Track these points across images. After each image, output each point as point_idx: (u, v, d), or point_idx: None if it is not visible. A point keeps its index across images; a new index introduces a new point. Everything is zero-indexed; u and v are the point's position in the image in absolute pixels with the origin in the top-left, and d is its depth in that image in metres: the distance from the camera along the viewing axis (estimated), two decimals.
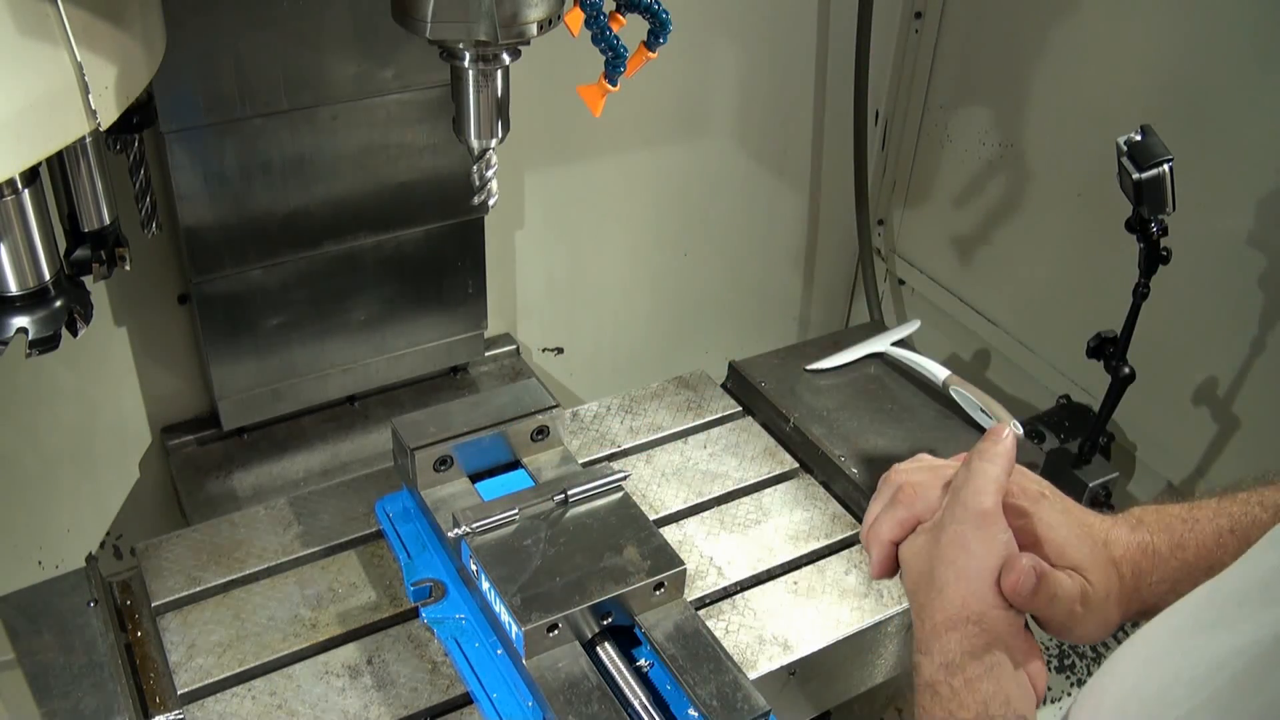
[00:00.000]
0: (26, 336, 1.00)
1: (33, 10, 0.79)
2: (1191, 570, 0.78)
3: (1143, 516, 0.81)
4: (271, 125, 1.35)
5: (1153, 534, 0.80)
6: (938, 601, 0.75)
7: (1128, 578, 0.79)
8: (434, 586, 1.18)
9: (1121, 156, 1.21)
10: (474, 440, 1.24)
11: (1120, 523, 0.81)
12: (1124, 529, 0.80)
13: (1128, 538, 0.80)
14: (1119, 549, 0.79)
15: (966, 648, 0.73)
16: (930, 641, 0.74)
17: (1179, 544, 0.79)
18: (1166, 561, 0.79)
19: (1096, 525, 0.81)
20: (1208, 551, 0.78)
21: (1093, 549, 0.78)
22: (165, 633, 1.16)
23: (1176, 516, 0.80)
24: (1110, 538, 0.80)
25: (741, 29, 1.82)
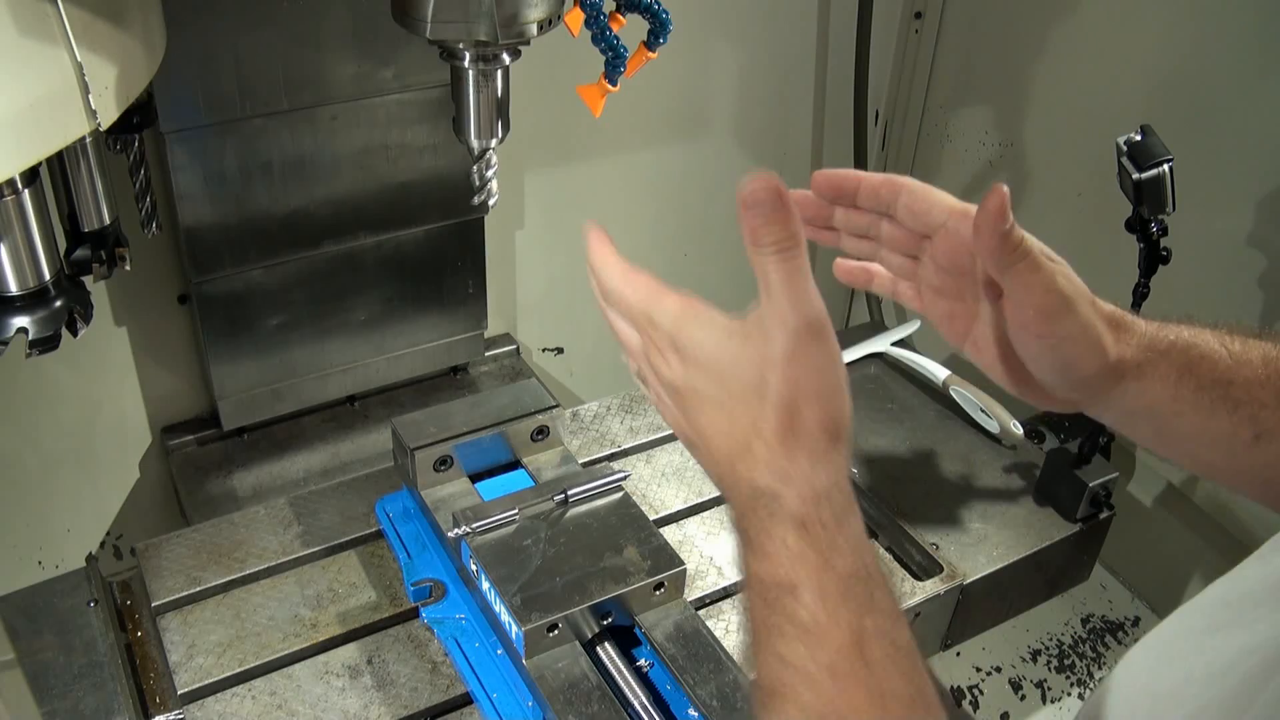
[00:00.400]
0: (26, 336, 1.00)
1: (33, 10, 0.79)
2: (1169, 348, 0.75)
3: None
4: (271, 125, 1.35)
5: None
6: (794, 417, 0.64)
7: (1107, 316, 0.75)
8: (434, 586, 1.18)
9: (1121, 156, 1.20)
10: (474, 440, 1.24)
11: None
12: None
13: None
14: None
15: (835, 478, 0.64)
16: (789, 466, 0.63)
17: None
18: (1143, 330, 0.76)
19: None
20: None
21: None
22: (165, 633, 1.16)
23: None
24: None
25: (741, 29, 1.82)
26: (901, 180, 0.79)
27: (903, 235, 0.81)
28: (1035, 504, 1.38)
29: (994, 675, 1.92)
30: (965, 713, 1.89)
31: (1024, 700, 1.89)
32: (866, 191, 0.81)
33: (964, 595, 1.27)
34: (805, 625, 0.62)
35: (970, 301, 0.78)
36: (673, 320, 0.70)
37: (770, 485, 0.64)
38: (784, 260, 0.65)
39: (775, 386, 0.64)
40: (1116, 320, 0.74)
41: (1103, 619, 1.92)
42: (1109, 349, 0.73)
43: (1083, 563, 1.44)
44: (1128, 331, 0.74)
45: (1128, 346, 0.74)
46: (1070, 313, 0.71)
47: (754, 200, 0.66)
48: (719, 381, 0.67)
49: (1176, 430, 0.76)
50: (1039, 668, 1.92)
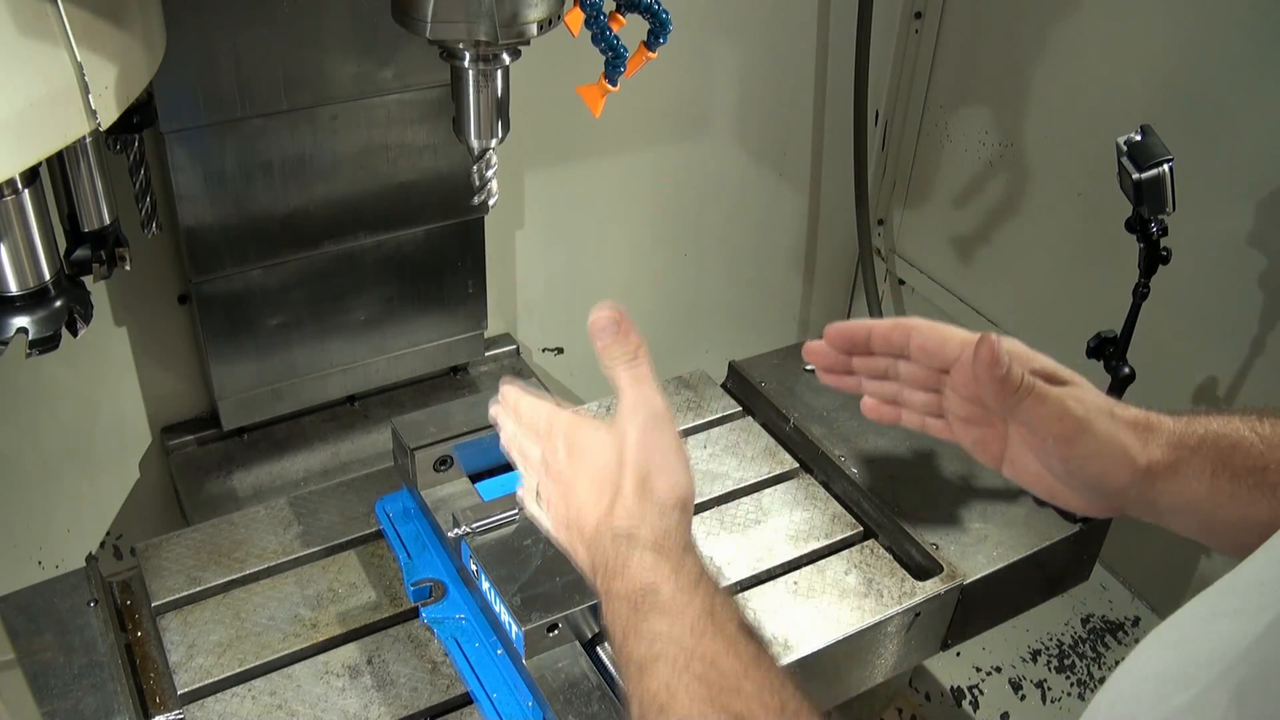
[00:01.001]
0: (26, 336, 1.00)
1: (33, 10, 0.79)
2: (1199, 443, 0.77)
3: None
4: (271, 125, 1.35)
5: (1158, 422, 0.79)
6: (644, 482, 0.80)
7: (1130, 423, 0.78)
8: (434, 586, 1.18)
9: (1121, 156, 1.20)
10: (474, 440, 1.24)
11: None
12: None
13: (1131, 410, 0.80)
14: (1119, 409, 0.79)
15: (681, 528, 0.80)
16: (642, 513, 0.79)
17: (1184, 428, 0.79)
18: (1170, 428, 0.78)
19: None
20: (1214, 437, 0.77)
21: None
22: (165, 633, 1.16)
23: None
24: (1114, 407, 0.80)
25: (741, 29, 1.82)
26: (910, 322, 0.87)
27: (921, 373, 0.88)
28: (1035, 504, 1.38)
29: (994, 675, 1.92)
30: (965, 713, 1.89)
31: (1024, 700, 1.89)
32: (878, 339, 0.90)
33: (964, 595, 1.27)
34: (665, 607, 0.74)
35: (999, 425, 0.84)
36: (567, 426, 0.89)
37: (628, 526, 0.79)
38: (628, 369, 0.85)
39: (629, 461, 0.81)
40: (1142, 424, 0.78)
41: (1103, 619, 1.92)
42: (1136, 457, 0.77)
43: (1083, 563, 1.44)
44: (1155, 433, 0.78)
45: (1157, 449, 0.77)
46: (1087, 433, 0.76)
47: (600, 328, 0.87)
48: (591, 464, 0.85)
49: (1218, 521, 0.77)
50: (1039, 668, 1.92)
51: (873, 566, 1.29)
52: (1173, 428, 0.78)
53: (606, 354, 0.86)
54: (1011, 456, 0.85)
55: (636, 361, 0.85)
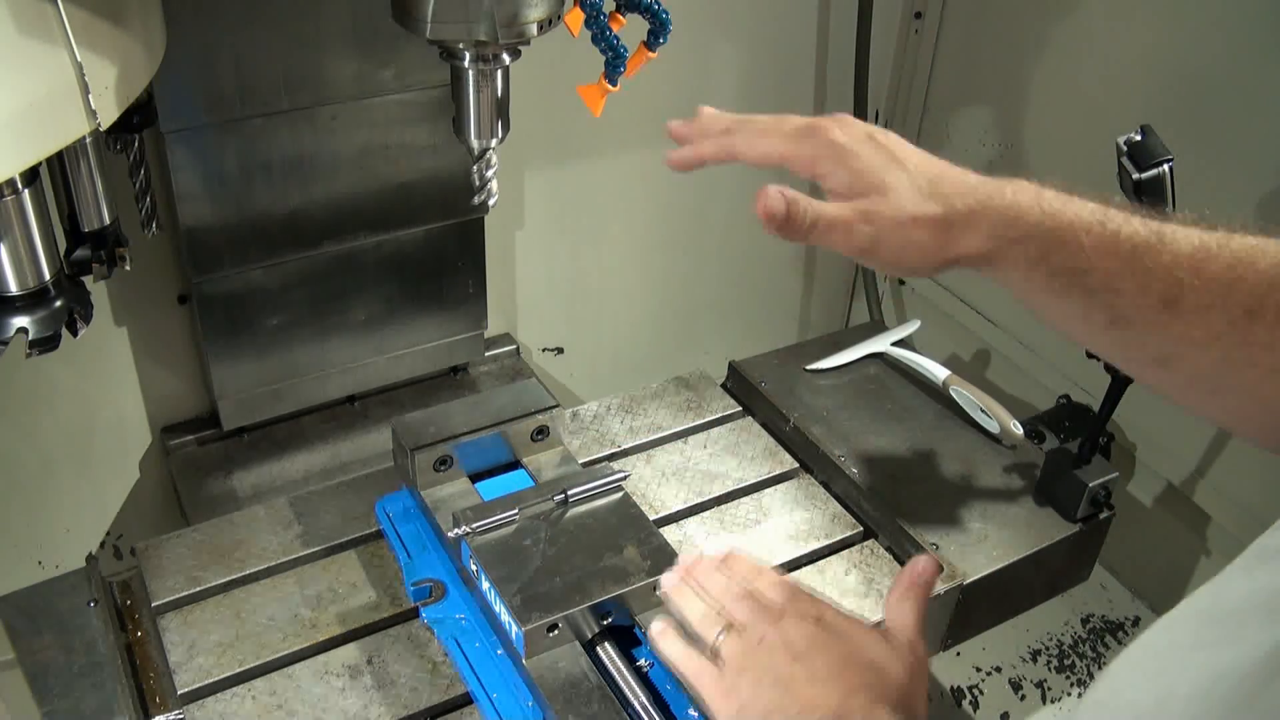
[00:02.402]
0: (26, 336, 1.00)
1: (33, 10, 0.79)
2: (1021, 237, 0.78)
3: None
4: (271, 125, 1.35)
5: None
6: (872, 688, 0.78)
7: (937, 221, 0.80)
8: (434, 586, 1.18)
9: (1121, 156, 1.20)
10: (474, 440, 1.24)
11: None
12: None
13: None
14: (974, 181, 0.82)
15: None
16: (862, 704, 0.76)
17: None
18: (996, 218, 0.80)
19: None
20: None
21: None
22: (165, 633, 1.16)
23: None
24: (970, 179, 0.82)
25: (741, 29, 1.83)
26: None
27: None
28: (1035, 504, 1.38)
29: (994, 675, 1.92)
30: (965, 713, 1.89)
31: (1024, 700, 1.89)
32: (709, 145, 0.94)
33: (964, 595, 1.27)
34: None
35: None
36: (812, 599, 0.85)
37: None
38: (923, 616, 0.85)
39: (891, 682, 0.78)
40: (960, 219, 0.80)
41: (1103, 619, 1.92)
42: (936, 254, 0.80)
43: (1083, 563, 1.44)
44: (973, 226, 0.79)
45: (972, 240, 0.79)
46: (879, 245, 0.80)
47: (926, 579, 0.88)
48: (852, 644, 0.81)
49: (1043, 307, 0.81)
50: (1039, 668, 1.92)
51: (873, 566, 1.29)
52: (998, 218, 0.79)
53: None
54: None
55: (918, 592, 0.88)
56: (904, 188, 0.81)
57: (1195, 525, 1.70)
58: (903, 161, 0.83)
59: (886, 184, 0.81)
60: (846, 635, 0.82)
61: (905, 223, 0.80)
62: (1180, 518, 1.72)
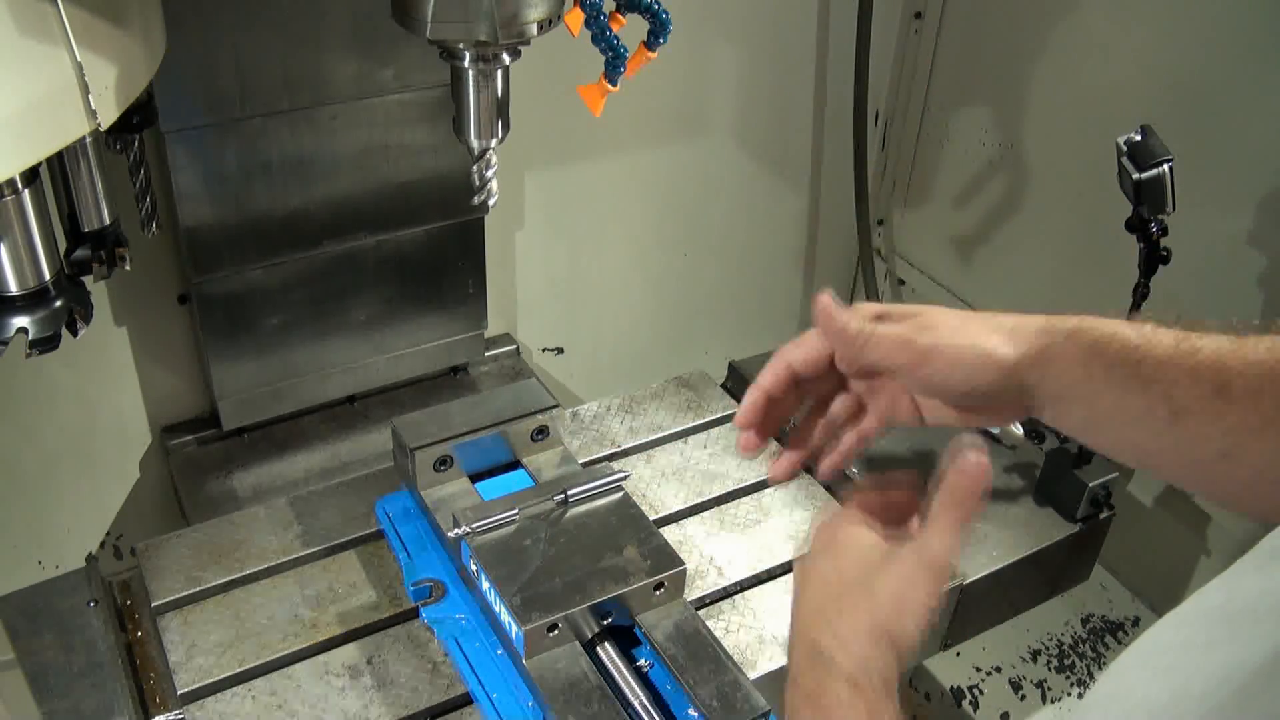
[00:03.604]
0: (26, 336, 1.00)
1: (33, 10, 0.79)
2: (1071, 332, 0.77)
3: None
4: (271, 125, 1.35)
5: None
6: (889, 617, 0.76)
7: (990, 327, 0.80)
8: (434, 586, 1.18)
9: (1121, 156, 1.21)
10: (474, 440, 1.24)
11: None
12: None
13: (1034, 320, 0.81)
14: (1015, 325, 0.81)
15: (888, 670, 0.74)
16: (857, 646, 0.75)
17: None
18: (1039, 322, 0.79)
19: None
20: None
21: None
22: (165, 633, 1.16)
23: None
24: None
25: (741, 29, 1.82)
26: (776, 366, 0.95)
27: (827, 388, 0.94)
28: (1035, 504, 1.38)
29: (994, 675, 1.92)
30: (965, 713, 1.89)
31: (1024, 700, 1.89)
32: (775, 398, 0.96)
33: (964, 595, 1.27)
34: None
35: (897, 386, 0.88)
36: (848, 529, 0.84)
37: (830, 648, 0.75)
38: (948, 511, 0.80)
39: (882, 593, 0.76)
40: (1007, 327, 0.80)
41: (1103, 619, 1.92)
42: (997, 353, 0.79)
43: (1083, 563, 1.44)
44: (1021, 331, 0.80)
45: (1024, 342, 0.79)
46: (934, 351, 0.80)
47: (973, 474, 0.82)
48: (843, 570, 0.80)
49: (1098, 413, 0.78)
50: (1039, 668, 1.92)
51: None
52: (1042, 322, 0.79)
53: (957, 502, 0.81)
54: (920, 403, 0.88)
55: (955, 512, 0.81)
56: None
57: (1195, 525, 1.70)
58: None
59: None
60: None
61: (957, 327, 0.81)
62: (1180, 518, 1.72)
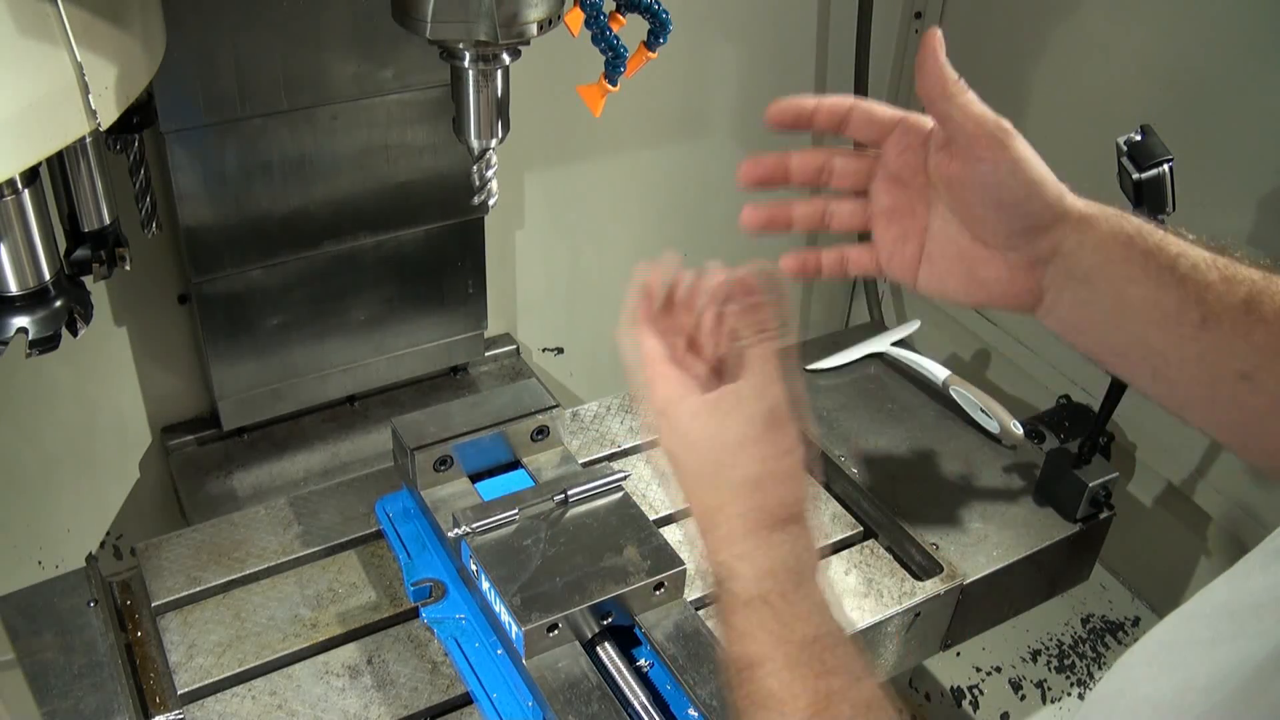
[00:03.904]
0: (26, 336, 1.00)
1: (33, 10, 0.79)
2: (1117, 214, 0.76)
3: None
4: (271, 125, 1.35)
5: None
6: (750, 500, 0.71)
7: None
8: (434, 586, 1.18)
9: (1121, 156, 1.20)
10: (474, 440, 1.24)
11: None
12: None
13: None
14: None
15: (794, 549, 0.71)
16: (746, 544, 0.71)
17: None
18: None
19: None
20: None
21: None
22: (165, 633, 1.16)
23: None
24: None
25: (741, 29, 1.82)
26: (850, 98, 0.87)
27: (853, 165, 0.88)
28: (1035, 504, 1.38)
29: (994, 675, 1.92)
30: (965, 713, 1.89)
31: (1024, 700, 1.89)
32: (824, 112, 0.89)
33: (964, 595, 1.27)
34: (769, 698, 0.66)
35: (921, 214, 0.82)
36: (661, 395, 0.78)
37: (729, 562, 0.71)
38: (758, 342, 0.75)
39: (734, 473, 0.72)
40: (1066, 189, 0.78)
41: (1103, 619, 1.92)
42: (1057, 189, 0.76)
43: (1083, 563, 1.44)
44: (1076, 196, 0.78)
45: (1076, 199, 0.77)
46: (1015, 139, 0.77)
47: (745, 288, 0.78)
48: (691, 455, 0.75)
49: (1126, 302, 0.74)
50: (1039, 668, 1.92)
51: (873, 566, 1.29)
52: (1091, 200, 0.78)
53: (739, 326, 0.76)
54: (930, 251, 0.82)
55: (763, 336, 0.75)
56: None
57: (1195, 525, 1.70)
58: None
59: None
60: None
61: (1034, 154, 0.78)
62: (1180, 518, 1.72)
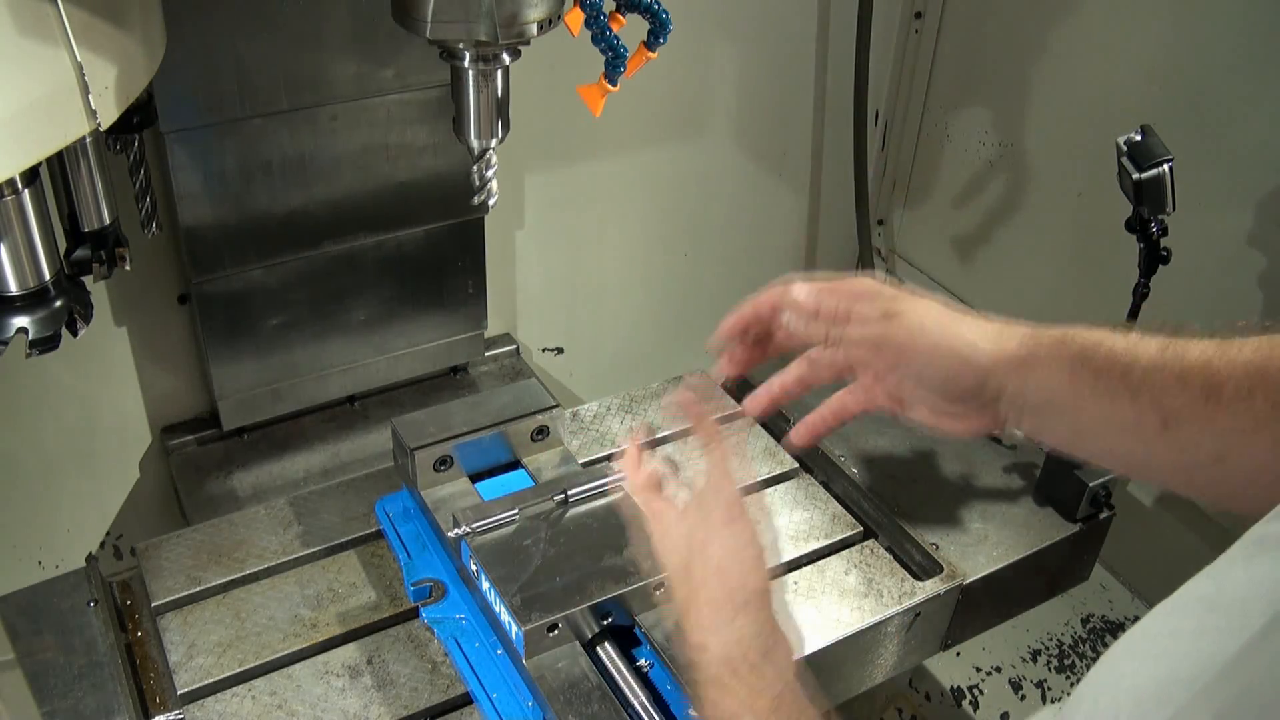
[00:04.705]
0: (26, 336, 1.00)
1: (33, 10, 0.79)
2: (1057, 340, 0.77)
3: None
4: (271, 125, 1.35)
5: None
6: (716, 583, 0.82)
7: (976, 329, 0.81)
8: (434, 586, 1.18)
9: (1121, 156, 1.20)
10: (474, 440, 1.24)
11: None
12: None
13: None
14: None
15: (755, 629, 0.79)
16: (713, 623, 0.80)
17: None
18: (1026, 330, 0.80)
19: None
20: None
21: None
22: (165, 633, 1.16)
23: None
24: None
25: (741, 29, 1.82)
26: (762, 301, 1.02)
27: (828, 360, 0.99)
28: (1035, 504, 1.38)
29: (994, 675, 1.92)
30: (965, 713, 1.89)
31: (1024, 700, 1.89)
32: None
33: (964, 595, 1.27)
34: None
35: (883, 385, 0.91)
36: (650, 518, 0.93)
37: (700, 641, 0.81)
38: (708, 452, 0.90)
39: (702, 567, 0.83)
40: (992, 331, 0.81)
41: (1103, 619, 1.92)
42: (978, 351, 0.80)
43: (1083, 563, 1.44)
44: (1007, 334, 0.80)
45: (1009, 344, 0.79)
46: (910, 350, 0.83)
47: (684, 406, 0.92)
48: (672, 558, 0.88)
49: (1084, 423, 0.77)
50: (1039, 668, 1.92)
51: (873, 566, 1.29)
52: (1027, 329, 0.80)
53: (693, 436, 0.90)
54: (904, 404, 0.90)
55: (713, 446, 0.90)
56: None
57: (1195, 525, 1.70)
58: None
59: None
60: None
61: (942, 326, 0.82)
62: (1180, 518, 1.72)
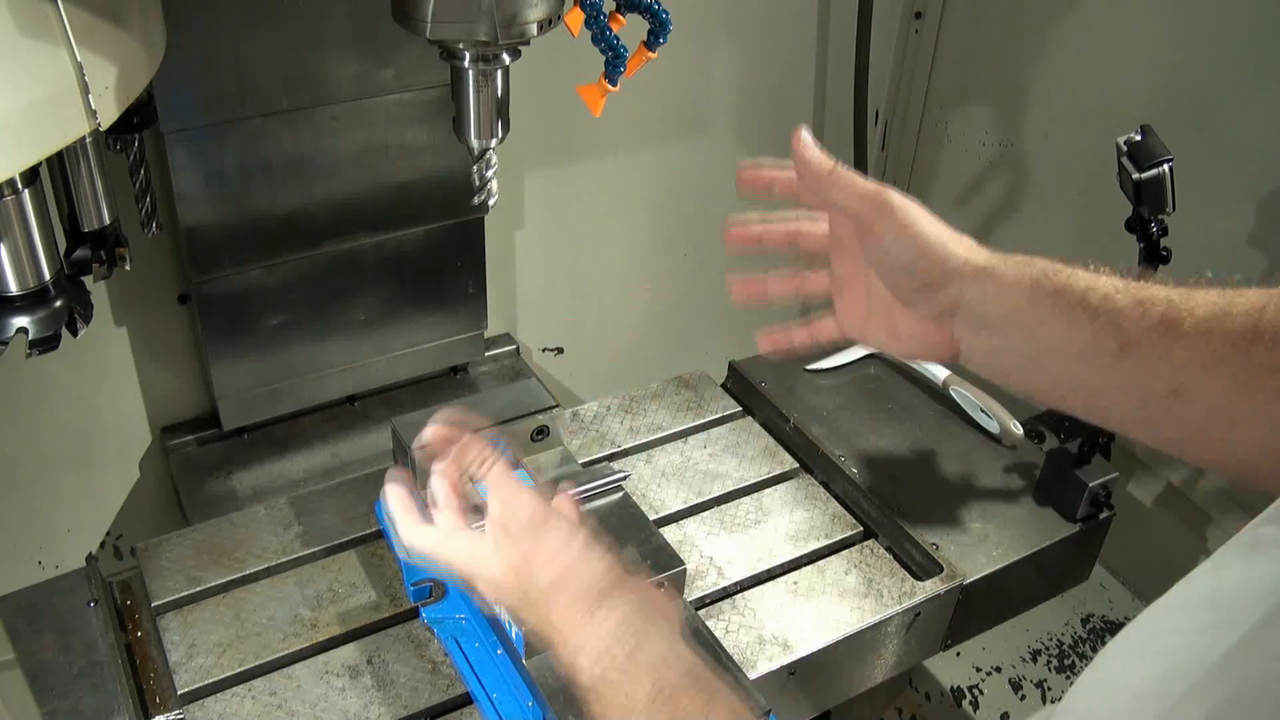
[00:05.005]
0: (26, 336, 1.00)
1: (33, 10, 0.79)
2: (1021, 261, 0.79)
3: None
4: (271, 125, 1.35)
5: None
6: (557, 597, 0.81)
7: (950, 231, 0.82)
8: (434, 586, 1.18)
9: (1121, 156, 1.20)
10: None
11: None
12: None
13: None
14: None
15: (619, 623, 0.79)
16: (575, 637, 0.79)
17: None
18: (991, 251, 0.81)
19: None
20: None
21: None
22: (165, 633, 1.16)
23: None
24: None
25: (741, 29, 1.82)
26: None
27: (818, 232, 0.99)
28: (1035, 504, 1.38)
29: (994, 675, 1.92)
30: (965, 713, 1.89)
31: (1024, 700, 1.89)
32: (781, 181, 1.00)
33: (964, 595, 1.27)
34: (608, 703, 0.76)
35: (863, 278, 0.91)
36: (461, 561, 0.91)
37: (570, 661, 0.80)
38: (487, 472, 0.89)
39: (534, 589, 0.82)
40: (968, 244, 0.83)
41: (1103, 619, 1.92)
42: (948, 248, 0.81)
43: (1083, 563, 1.44)
44: (979, 251, 0.82)
45: (978, 256, 0.81)
46: (895, 206, 0.83)
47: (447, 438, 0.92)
48: (502, 593, 0.86)
49: (1041, 344, 0.77)
50: (1039, 668, 1.92)
51: (873, 566, 1.29)
52: (994, 252, 0.81)
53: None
54: (870, 309, 0.91)
55: (485, 466, 0.91)
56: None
57: (1195, 525, 1.70)
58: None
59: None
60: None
61: (925, 215, 0.83)
62: (1180, 518, 1.72)
